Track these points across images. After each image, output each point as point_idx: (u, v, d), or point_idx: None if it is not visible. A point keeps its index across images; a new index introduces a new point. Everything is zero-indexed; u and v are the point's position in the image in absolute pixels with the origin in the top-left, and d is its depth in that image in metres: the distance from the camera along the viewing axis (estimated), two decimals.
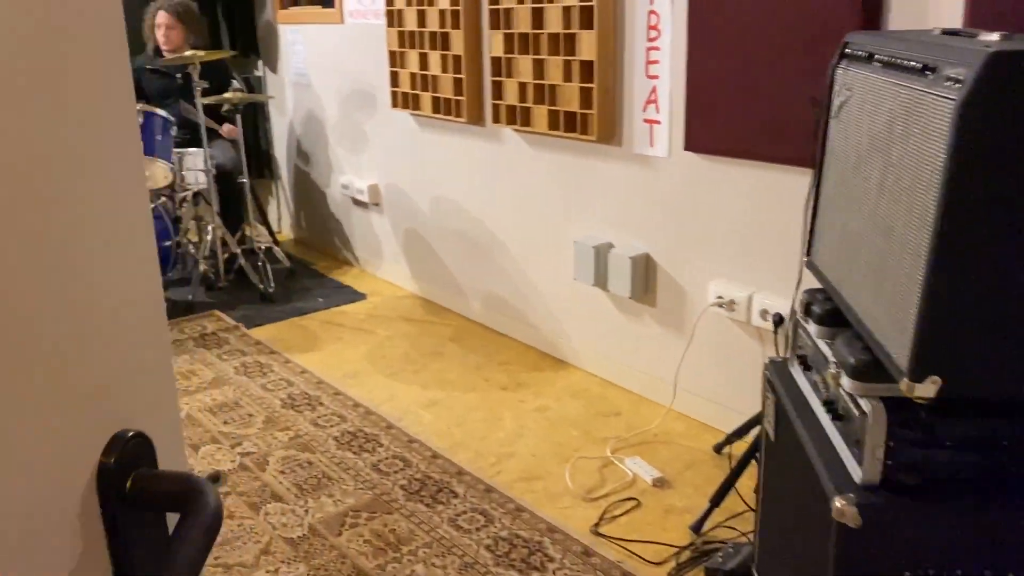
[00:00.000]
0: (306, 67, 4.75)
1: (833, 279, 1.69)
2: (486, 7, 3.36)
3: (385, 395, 3.16)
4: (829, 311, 1.67)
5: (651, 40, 2.76)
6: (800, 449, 1.65)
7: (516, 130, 3.37)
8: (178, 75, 4.37)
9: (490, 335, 3.73)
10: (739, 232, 2.65)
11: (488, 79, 3.44)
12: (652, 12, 2.74)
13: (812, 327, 1.71)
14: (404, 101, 3.90)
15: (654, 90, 2.79)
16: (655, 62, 2.77)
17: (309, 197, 5.07)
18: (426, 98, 3.76)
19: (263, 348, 3.60)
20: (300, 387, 3.22)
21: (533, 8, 3.09)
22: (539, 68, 3.14)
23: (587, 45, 2.92)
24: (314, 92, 4.74)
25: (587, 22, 2.90)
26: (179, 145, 4.35)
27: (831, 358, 1.56)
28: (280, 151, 5.27)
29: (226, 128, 4.37)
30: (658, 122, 2.81)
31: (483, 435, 2.85)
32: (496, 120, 3.40)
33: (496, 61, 3.33)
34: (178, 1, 4.39)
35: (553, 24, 3.03)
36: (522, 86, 3.23)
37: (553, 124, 3.13)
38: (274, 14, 4.91)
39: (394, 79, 3.93)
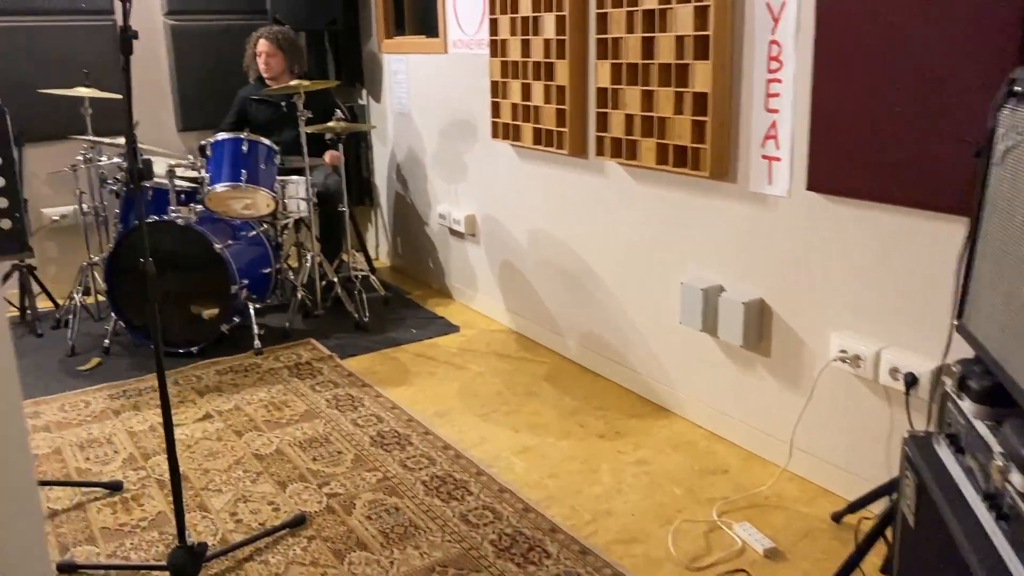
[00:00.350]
0: (408, 97, 4.74)
1: (994, 350, 1.47)
2: (593, 37, 3.24)
3: (476, 437, 3.03)
4: (990, 388, 1.44)
5: (772, 72, 2.57)
6: (949, 543, 1.42)
7: (621, 164, 3.21)
8: (283, 104, 4.42)
9: (587, 376, 3.56)
10: (867, 281, 2.41)
11: (593, 111, 3.31)
12: (774, 42, 2.55)
13: (967, 404, 1.48)
14: (505, 132, 3.81)
15: (774, 124, 2.59)
16: (776, 95, 2.57)
17: (407, 225, 5.04)
18: (527, 129, 3.65)
19: (355, 380, 3.54)
20: (390, 424, 3.14)
21: (644, 38, 2.95)
22: (648, 100, 2.98)
23: (701, 76, 2.74)
24: (415, 122, 4.72)
25: (702, 52, 2.73)
26: (283, 172, 4.39)
27: (996, 447, 1.33)
28: (381, 179, 5.27)
29: (329, 155, 4.39)
30: (778, 159, 2.60)
31: (578, 488, 2.68)
32: (600, 153, 3.26)
33: (602, 92, 3.19)
34: (278, 29, 4.45)
35: (665, 54, 2.88)
36: (628, 118, 3.08)
37: (661, 158, 2.97)
38: (379, 43, 4.93)
39: (495, 109, 3.84)
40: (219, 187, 3.74)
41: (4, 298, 4.71)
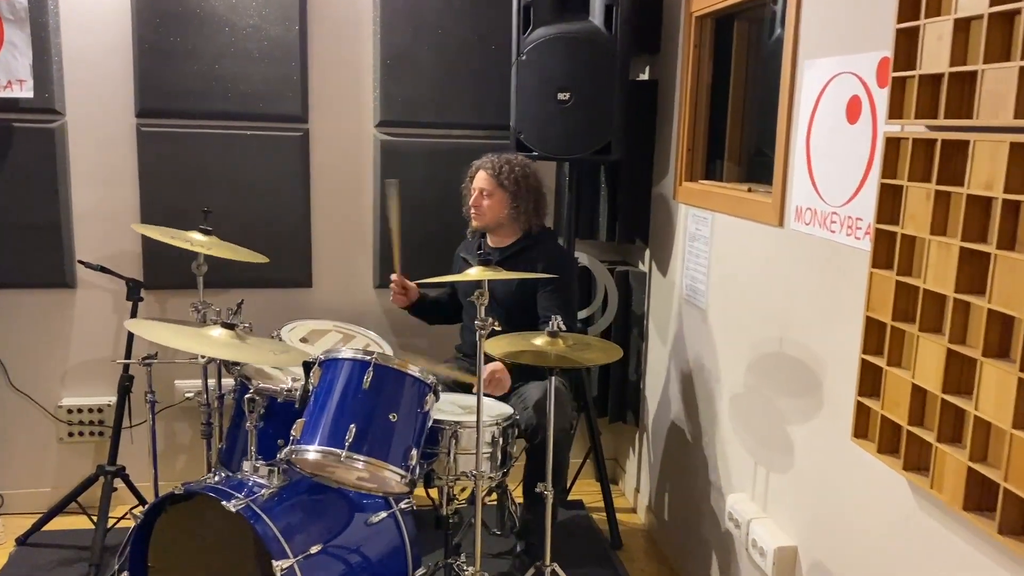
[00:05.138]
0: (707, 278, 2.77)
1: None
2: None
3: None
4: None
5: None
6: None
7: None
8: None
9: None
10: None
11: None
12: None
13: None
14: (888, 442, 1.67)
15: None
16: None
17: (679, 481, 3.02)
18: (951, 462, 1.49)
19: None
20: None
21: None
22: None
23: None
24: (711, 324, 2.72)
25: None
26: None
27: None
28: (654, 391, 3.32)
29: (489, 371, 2.59)
30: None
31: None
32: None
33: None
34: (509, 158, 2.80)
35: None
36: None
37: None
38: (675, 185, 3.04)
39: (868, 382, 1.72)
40: (311, 452, 2.06)
41: (79, 504, 3.38)
